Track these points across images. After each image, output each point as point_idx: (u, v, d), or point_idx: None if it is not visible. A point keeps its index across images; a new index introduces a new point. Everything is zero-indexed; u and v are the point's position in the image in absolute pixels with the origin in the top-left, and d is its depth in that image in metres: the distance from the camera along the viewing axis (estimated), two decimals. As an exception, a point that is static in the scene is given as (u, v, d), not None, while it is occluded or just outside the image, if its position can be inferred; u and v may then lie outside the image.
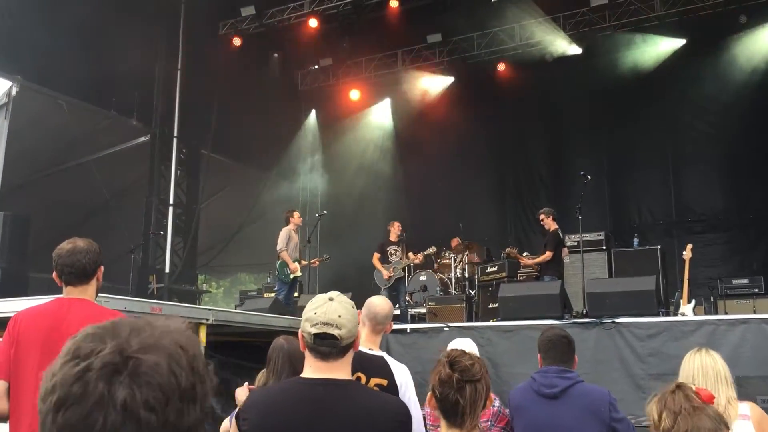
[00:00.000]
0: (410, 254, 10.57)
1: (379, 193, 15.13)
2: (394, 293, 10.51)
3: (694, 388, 2.14)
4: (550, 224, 9.60)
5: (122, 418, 0.85)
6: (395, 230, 10.74)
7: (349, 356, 2.37)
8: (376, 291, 9.96)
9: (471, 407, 2.22)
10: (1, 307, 4.92)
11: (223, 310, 6.61)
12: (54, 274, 3.15)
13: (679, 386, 2.14)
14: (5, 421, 2.97)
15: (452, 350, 2.34)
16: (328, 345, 2.27)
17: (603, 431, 3.52)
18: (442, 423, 2.29)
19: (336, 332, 2.26)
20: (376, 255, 10.67)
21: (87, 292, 3.16)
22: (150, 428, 0.86)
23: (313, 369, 2.31)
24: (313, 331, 2.27)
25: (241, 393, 3.64)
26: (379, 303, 3.45)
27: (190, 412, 0.91)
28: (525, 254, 10.42)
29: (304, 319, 2.33)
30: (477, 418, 2.24)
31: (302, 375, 2.35)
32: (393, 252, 10.63)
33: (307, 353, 2.34)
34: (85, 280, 3.15)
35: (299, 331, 2.37)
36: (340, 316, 2.28)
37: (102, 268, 3.23)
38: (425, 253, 10.77)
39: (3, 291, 9.47)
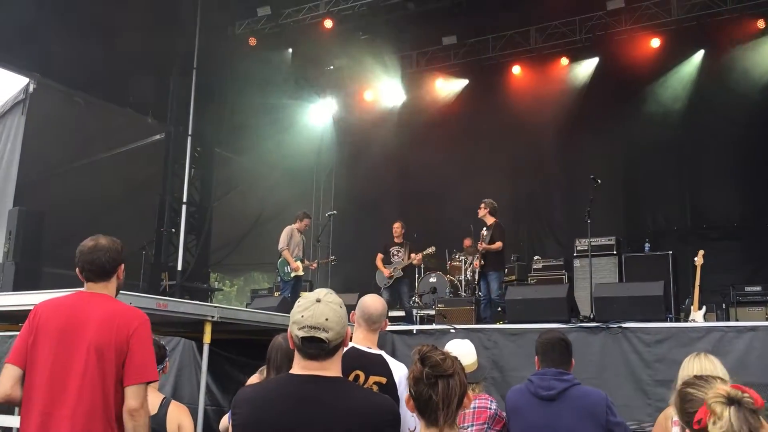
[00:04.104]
0: (411, 255, 10.61)
1: (391, 194, 15.13)
2: (396, 294, 10.55)
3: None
4: (489, 218, 9.67)
5: None
6: (397, 231, 10.81)
7: (339, 354, 2.37)
8: (379, 292, 9.99)
9: (444, 403, 2.18)
10: (19, 299, 5.04)
11: (229, 308, 6.66)
12: (77, 269, 3.23)
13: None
14: (18, 406, 3.07)
15: (423, 346, 2.31)
16: (315, 348, 2.29)
17: (600, 433, 3.54)
18: (421, 424, 2.25)
19: (323, 335, 2.27)
20: (379, 256, 10.75)
21: (107, 288, 3.24)
22: None
23: (302, 366, 2.33)
24: (301, 334, 2.28)
25: (246, 391, 3.67)
26: (372, 302, 3.44)
27: None
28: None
29: (291, 321, 2.33)
30: (452, 415, 2.20)
31: (292, 371, 2.37)
32: (395, 253, 10.68)
33: (296, 351, 2.36)
34: (104, 277, 3.22)
35: (288, 329, 2.38)
36: (327, 320, 2.28)
37: (122, 266, 3.30)
38: (424, 252, 10.79)
39: (16, 285, 9.63)
